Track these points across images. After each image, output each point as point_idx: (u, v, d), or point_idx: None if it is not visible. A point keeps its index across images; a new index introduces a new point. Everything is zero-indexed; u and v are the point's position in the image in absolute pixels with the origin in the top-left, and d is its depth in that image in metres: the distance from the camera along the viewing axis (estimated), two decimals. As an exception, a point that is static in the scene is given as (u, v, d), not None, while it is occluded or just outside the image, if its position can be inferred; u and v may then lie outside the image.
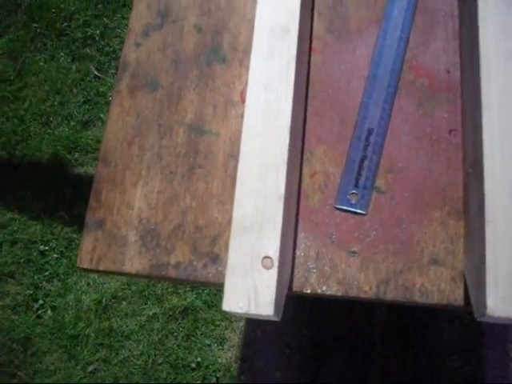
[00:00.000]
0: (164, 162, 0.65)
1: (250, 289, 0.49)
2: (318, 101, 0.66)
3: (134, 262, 0.62)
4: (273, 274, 0.49)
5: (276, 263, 0.49)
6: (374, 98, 0.64)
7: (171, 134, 0.66)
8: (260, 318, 0.50)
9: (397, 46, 0.66)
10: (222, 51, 0.69)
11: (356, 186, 0.61)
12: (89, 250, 0.63)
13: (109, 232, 0.64)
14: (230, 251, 0.50)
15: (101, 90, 1.70)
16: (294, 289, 0.59)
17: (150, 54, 0.71)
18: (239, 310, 0.49)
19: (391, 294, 0.57)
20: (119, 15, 1.82)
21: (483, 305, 0.47)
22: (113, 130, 0.68)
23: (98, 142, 1.64)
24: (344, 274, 0.59)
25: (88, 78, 1.72)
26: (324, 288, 0.58)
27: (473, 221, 0.55)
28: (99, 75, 1.72)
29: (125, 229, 0.63)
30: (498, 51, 0.55)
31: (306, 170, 0.63)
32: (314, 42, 0.68)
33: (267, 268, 0.49)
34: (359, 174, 0.61)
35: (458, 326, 1.33)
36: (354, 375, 1.28)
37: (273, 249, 0.50)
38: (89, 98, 1.70)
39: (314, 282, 0.59)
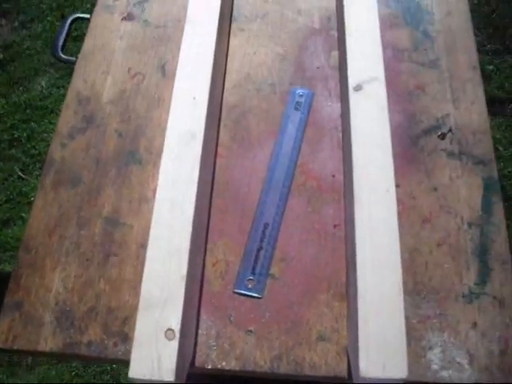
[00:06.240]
0: (82, 249, 0.72)
1: (154, 358, 0.55)
2: (221, 199, 0.75)
3: (49, 341, 0.66)
4: (174, 344, 0.55)
5: (177, 335, 0.56)
6: (270, 197, 0.74)
7: (89, 225, 0.74)
8: (163, 385, 0.56)
9: (290, 154, 0.78)
10: (139, 154, 0.79)
11: (253, 273, 0.69)
12: (4, 330, 0.67)
13: (26, 313, 0.68)
14: (137, 324, 0.57)
15: (24, 190, 1.74)
16: (197, 364, 0.65)
17: (75, 154, 0.79)
18: (143, 377, 0.54)
19: (284, 368, 0.64)
20: (46, 120, 1.91)
21: (358, 368, 0.55)
22: (36, 221, 0.74)
23: (18, 240, 1.66)
24: (241, 350, 0.65)
25: (12, 178, 1.77)
26: (223, 363, 0.65)
27: (351, 300, 0.64)
28: (23, 176, 1.77)
29: (42, 310, 0.68)
30: (368, 160, 0.66)
31: (209, 259, 0.71)
32: (220, 149, 0.79)
33: (170, 339, 0.56)
34: (256, 262, 0.70)
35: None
36: None
37: (175, 322, 0.56)
38: (11, 197, 1.74)
39: (215, 358, 0.65)
